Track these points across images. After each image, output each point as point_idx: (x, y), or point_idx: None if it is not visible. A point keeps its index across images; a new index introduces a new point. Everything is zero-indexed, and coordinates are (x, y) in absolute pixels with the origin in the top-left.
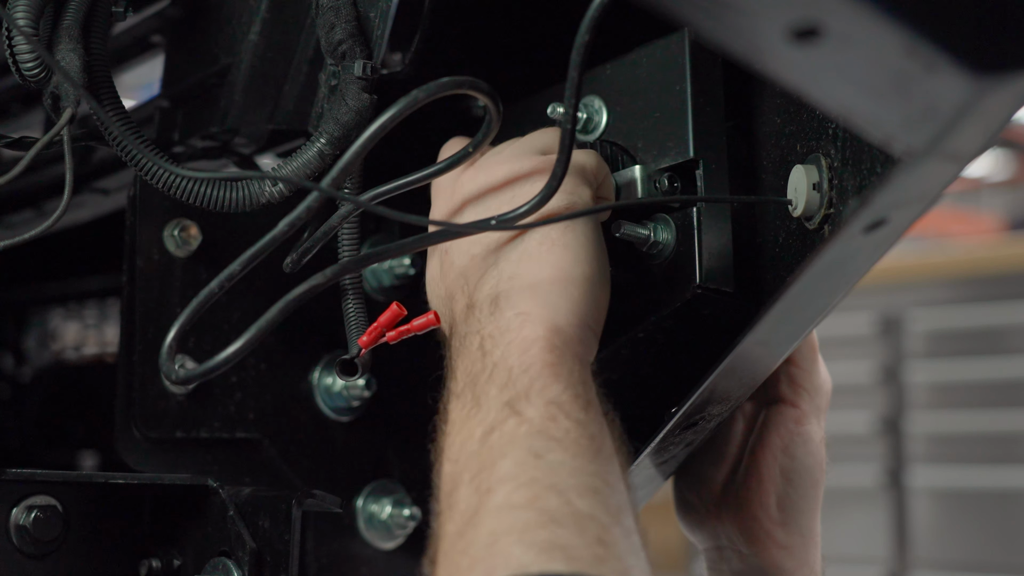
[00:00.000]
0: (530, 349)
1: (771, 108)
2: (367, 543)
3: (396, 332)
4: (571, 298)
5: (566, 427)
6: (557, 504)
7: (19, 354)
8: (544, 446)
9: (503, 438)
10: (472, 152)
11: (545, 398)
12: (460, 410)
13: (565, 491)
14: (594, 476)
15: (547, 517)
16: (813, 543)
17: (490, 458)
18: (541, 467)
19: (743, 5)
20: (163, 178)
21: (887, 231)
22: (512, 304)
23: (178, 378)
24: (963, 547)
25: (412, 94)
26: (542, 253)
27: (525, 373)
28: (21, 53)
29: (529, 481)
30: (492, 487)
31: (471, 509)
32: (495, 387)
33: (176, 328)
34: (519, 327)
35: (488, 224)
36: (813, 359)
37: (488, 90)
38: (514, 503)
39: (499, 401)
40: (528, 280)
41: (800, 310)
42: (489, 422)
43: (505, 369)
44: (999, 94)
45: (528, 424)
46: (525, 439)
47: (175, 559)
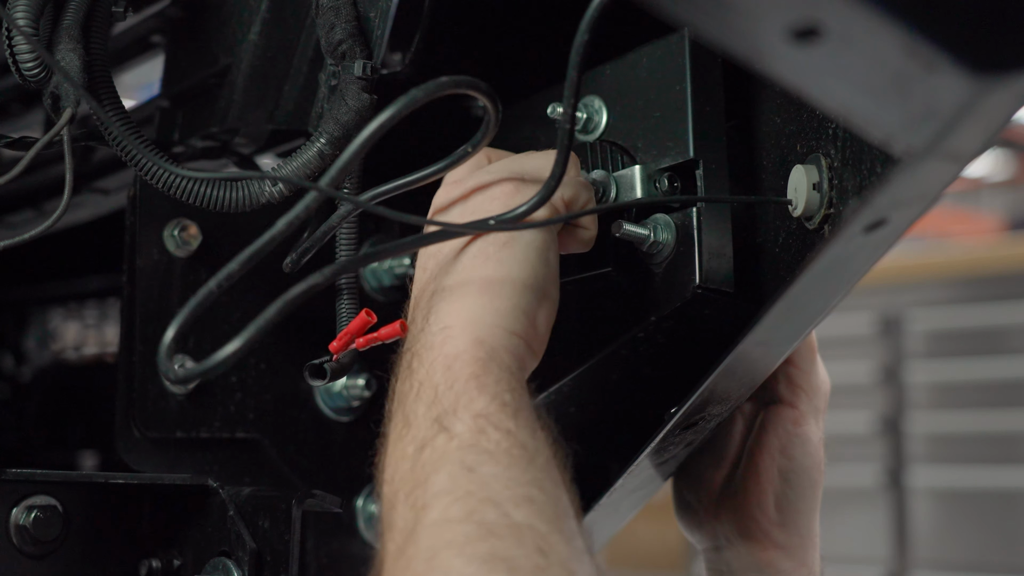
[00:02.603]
0: (453, 365)
1: (771, 108)
2: (367, 543)
3: (364, 339)
4: (496, 310)
5: (496, 439)
6: (494, 516)
7: (19, 354)
8: (476, 459)
9: (435, 454)
10: (471, 152)
11: (472, 411)
12: (393, 431)
13: (501, 503)
14: (529, 485)
15: (485, 530)
16: (812, 543)
17: (423, 474)
18: (475, 480)
19: (743, 5)
20: (163, 178)
21: (887, 231)
22: (439, 319)
23: (176, 377)
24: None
25: (411, 93)
26: (474, 267)
27: (451, 389)
28: (21, 53)
29: (464, 495)
30: (428, 503)
31: (408, 526)
32: (423, 405)
33: (174, 328)
34: (442, 343)
35: (486, 224)
36: (812, 360)
37: (487, 90)
38: (451, 517)
39: (428, 418)
40: (455, 294)
41: (800, 310)
42: (420, 439)
43: (431, 387)
44: (999, 94)
45: (458, 439)
46: (456, 453)
47: (175, 559)
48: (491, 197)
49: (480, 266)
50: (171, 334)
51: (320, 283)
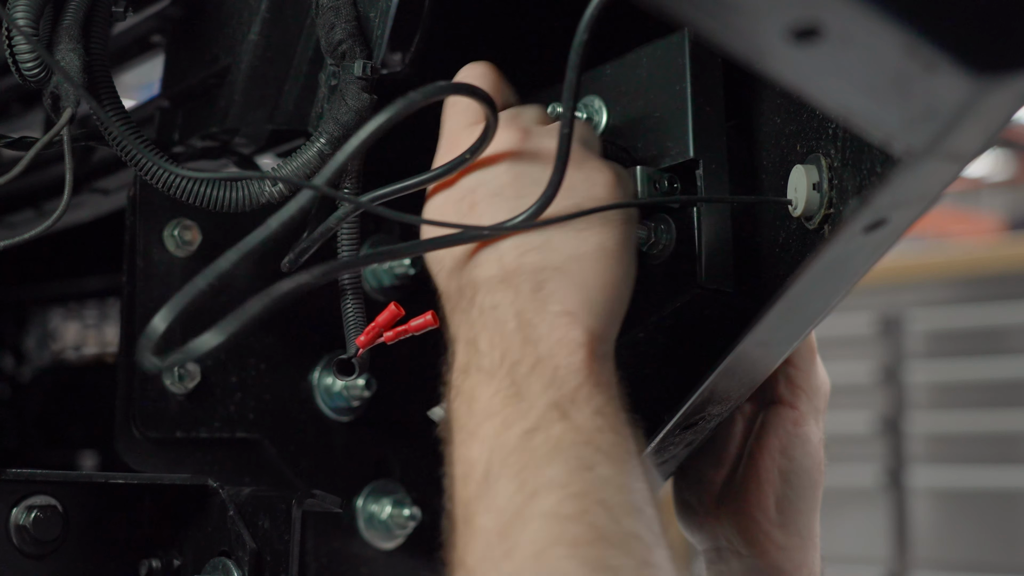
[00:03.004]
0: (576, 352)
1: (771, 108)
2: (367, 543)
3: (393, 332)
4: (611, 308)
5: (612, 440)
6: (606, 521)
7: (19, 354)
8: (593, 458)
9: (549, 440)
10: (470, 159)
11: (592, 407)
12: (493, 393)
13: (613, 508)
14: (637, 494)
15: (597, 534)
16: (812, 544)
17: (534, 459)
18: (590, 480)
19: (743, 5)
20: (163, 178)
21: (887, 231)
22: (559, 299)
23: (152, 367)
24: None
25: (409, 96)
26: (594, 256)
27: (572, 376)
28: (21, 53)
29: (579, 493)
30: (538, 490)
31: (513, 509)
32: (539, 382)
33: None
34: (566, 327)
35: (481, 233)
36: (811, 360)
37: (484, 95)
38: (564, 513)
39: (544, 399)
40: (576, 280)
41: (800, 310)
42: (533, 419)
43: (551, 367)
44: (999, 94)
45: (576, 432)
46: (573, 447)
47: (175, 559)
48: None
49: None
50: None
51: (310, 283)
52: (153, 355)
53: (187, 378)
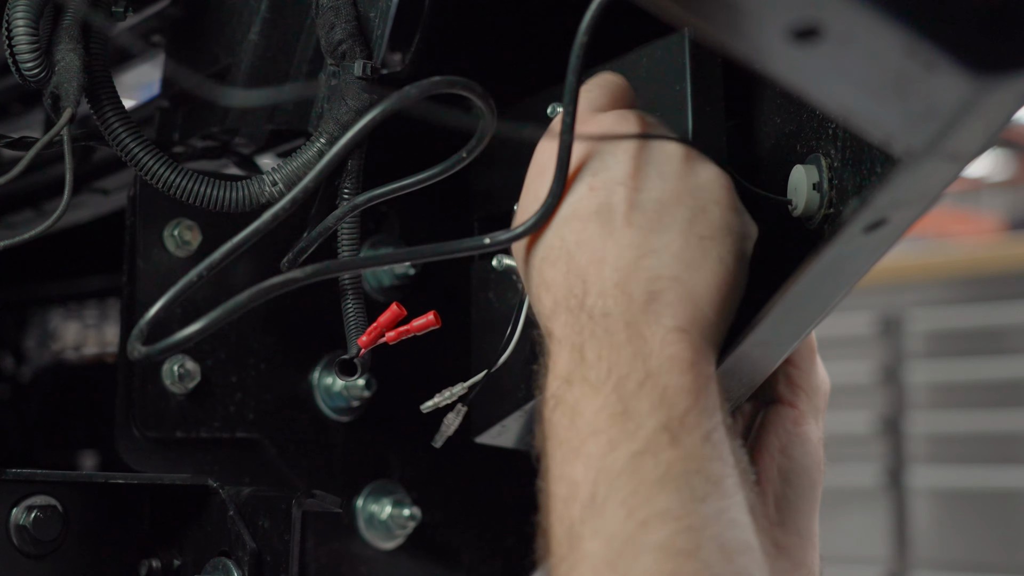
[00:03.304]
0: (687, 373)
1: (771, 108)
2: (367, 543)
3: (396, 332)
4: (720, 328)
5: (721, 471)
6: (719, 559)
7: (19, 354)
8: (704, 489)
9: (659, 466)
10: (467, 158)
11: (701, 432)
12: (599, 409)
13: (726, 545)
14: (746, 529)
15: (711, 572)
16: (811, 544)
17: (644, 485)
18: (704, 513)
19: (743, 5)
20: (163, 178)
21: (887, 231)
22: (672, 313)
23: (138, 354)
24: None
25: (403, 90)
26: (706, 263)
27: (682, 398)
28: (21, 53)
29: (693, 527)
30: (649, 520)
31: (623, 537)
32: (647, 401)
33: (151, 314)
34: (677, 344)
35: (481, 242)
36: (811, 360)
37: (480, 91)
38: (677, 547)
39: (653, 420)
40: (692, 294)
41: (800, 310)
42: (641, 441)
43: (660, 385)
44: (999, 94)
45: (687, 459)
46: (685, 476)
47: (175, 559)
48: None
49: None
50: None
51: (299, 279)
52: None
53: (187, 378)
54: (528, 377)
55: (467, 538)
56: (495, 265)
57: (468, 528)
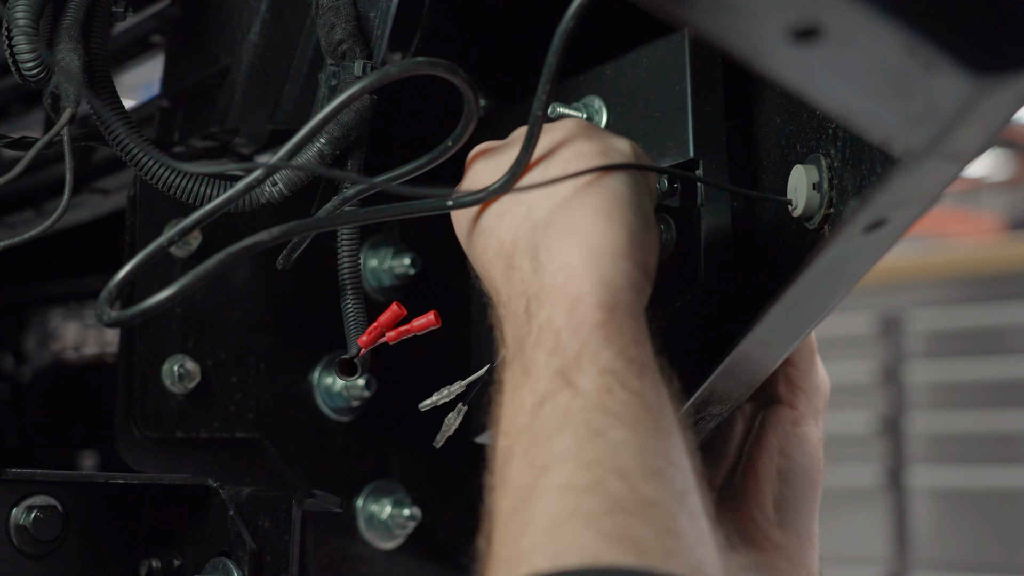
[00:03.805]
0: (577, 308)
1: (771, 108)
2: (367, 543)
3: (396, 332)
4: (613, 239)
5: (623, 399)
6: (622, 489)
7: (19, 354)
8: (603, 422)
9: (556, 411)
10: (452, 147)
11: (598, 366)
12: (511, 379)
13: (629, 474)
14: (657, 456)
15: (614, 503)
16: (810, 544)
17: (544, 432)
18: (602, 446)
19: (743, 5)
20: (163, 178)
21: (887, 231)
22: (552, 257)
23: (108, 319)
24: (963, 547)
25: (384, 68)
26: (577, 195)
27: (574, 336)
28: (21, 53)
29: (591, 462)
30: (549, 464)
31: (526, 485)
32: (543, 352)
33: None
34: (563, 283)
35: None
36: (811, 360)
37: (464, 76)
38: (576, 484)
39: (549, 369)
40: (565, 226)
41: (800, 310)
42: (540, 392)
43: (552, 332)
44: (999, 94)
45: (583, 397)
46: (581, 413)
47: (175, 559)
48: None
49: (583, 194)
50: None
51: (266, 241)
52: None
53: (187, 378)
54: None
55: (467, 538)
56: None
57: (468, 528)
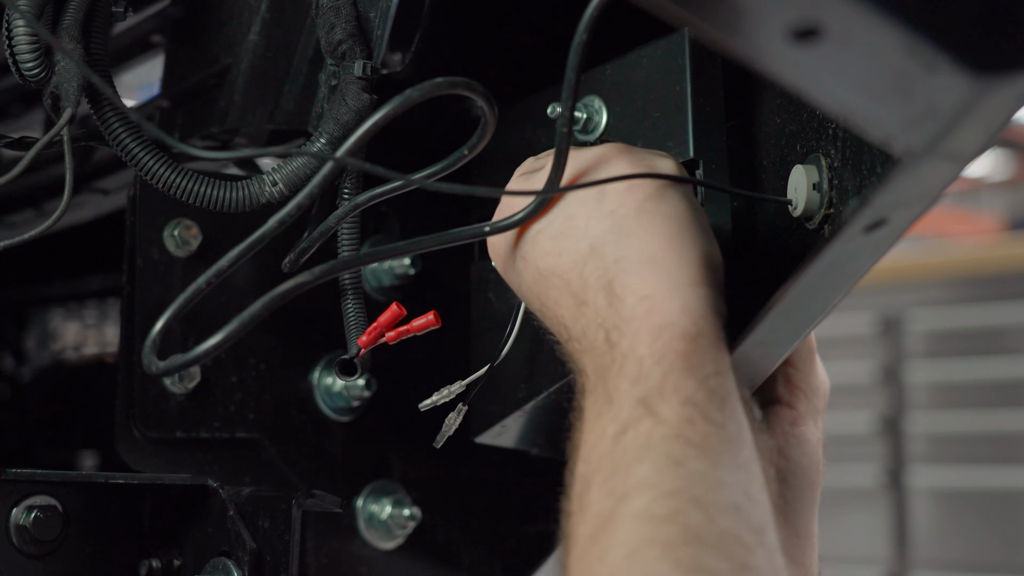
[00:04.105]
0: (660, 336)
1: (771, 108)
2: (367, 543)
3: (395, 332)
4: (692, 266)
5: (704, 431)
6: (700, 521)
7: (19, 354)
8: (683, 453)
9: (638, 439)
10: (468, 155)
11: (681, 396)
12: (592, 406)
13: (708, 506)
14: (735, 488)
15: (691, 535)
16: (809, 544)
17: (624, 460)
18: (681, 477)
19: (743, 5)
20: (163, 178)
21: (887, 231)
22: (631, 290)
23: (157, 369)
24: (963, 547)
25: (406, 93)
26: (642, 225)
27: (657, 365)
28: (21, 53)
29: (671, 492)
30: (628, 492)
31: (605, 513)
32: (626, 381)
33: (162, 323)
34: (645, 314)
35: (481, 230)
36: (811, 360)
37: (483, 91)
38: (655, 514)
39: (632, 397)
40: (639, 259)
41: (800, 310)
42: (622, 420)
43: (636, 360)
44: (999, 94)
45: (665, 426)
46: (662, 443)
47: (175, 559)
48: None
49: (649, 223)
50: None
51: (309, 282)
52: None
53: (187, 378)
54: (528, 377)
55: (467, 538)
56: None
57: (468, 528)
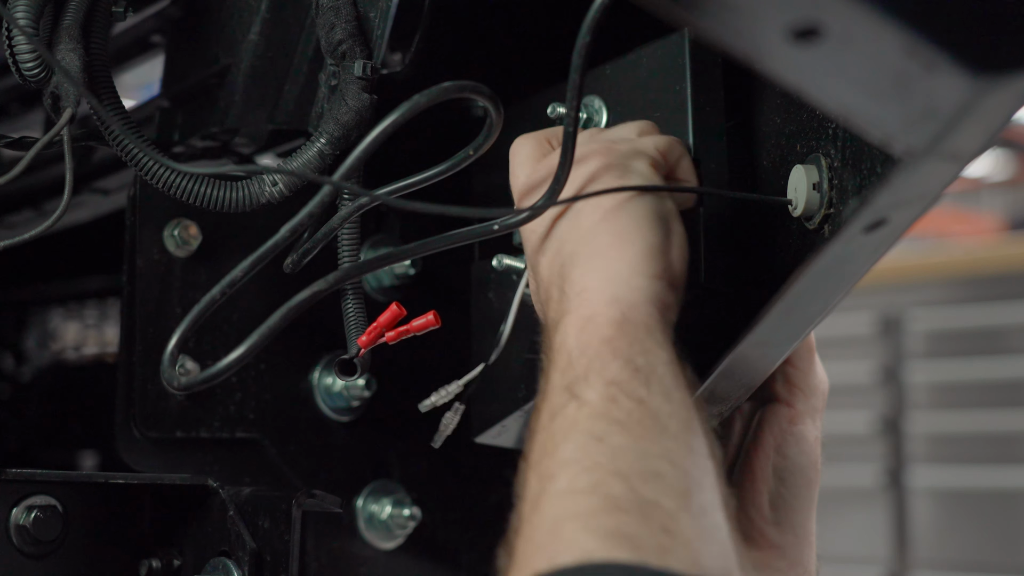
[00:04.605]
0: (586, 327)
1: (771, 108)
2: (367, 543)
3: (395, 332)
4: (628, 258)
5: (627, 408)
6: (621, 490)
7: (19, 354)
8: (605, 429)
9: (564, 422)
10: (473, 155)
11: (604, 378)
12: (536, 404)
13: (629, 477)
14: (659, 459)
15: (611, 504)
16: (807, 543)
17: (551, 444)
18: (603, 451)
19: (743, 5)
20: (163, 178)
21: (887, 231)
22: (573, 283)
23: (180, 385)
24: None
25: (414, 99)
26: (599, 223)
27: (583, 355)
28: (21, 53)
29: (592, 466)
30: (554, 472)
31: (534, 496)
32: (557, 372)
33: (178, 335)
34: (578, 307)
35: (490, 228)
36: (810, 359)
37: (489, 94)
38: (577, 488)
39: (560, 386)
40: (587, 253)
41: (800, 310)
42: (552, 408)
43: (565, 353)
44: (999, 94)
45: (588, 407)
46: (586, 422)
47: (175, 559)
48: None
49: (602, 222)
50: (174, 342)
51: (324, 289)
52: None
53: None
54: (527, 377)
55: (467, 538)
56: (495, 265)
57: (468, 528)
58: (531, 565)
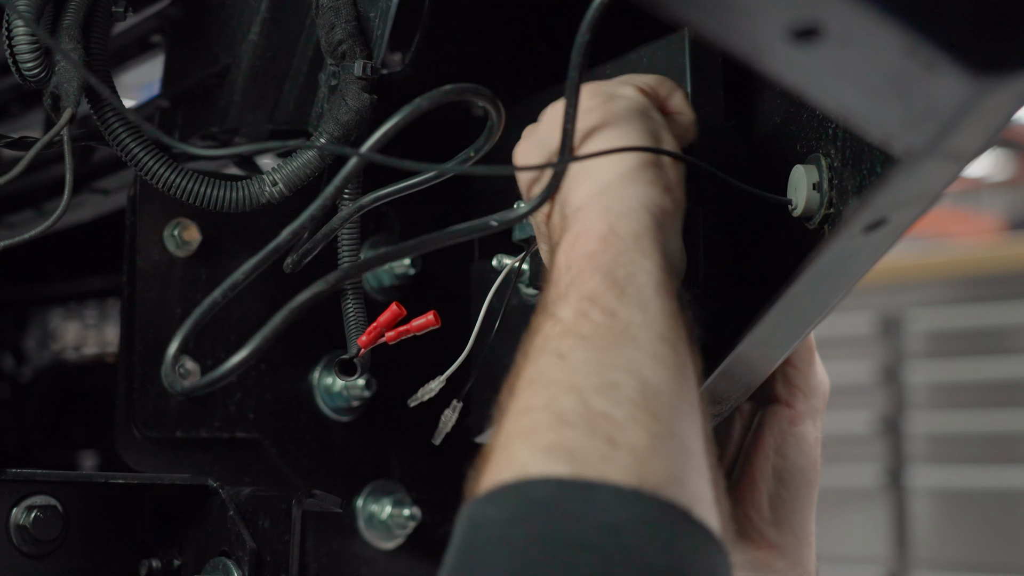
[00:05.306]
0: (575, 244)
1: (771, 108)
2: (367, 543)
3: (395, 332)
4: (623, 168)
5: (596, 321)
6: (570, 405)
7: (19, 354)
8: (571, 345)
9: (536, 343)
10: (475, 156)
11: (581, 294)
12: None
13: (583, 390)
14: (618, 370)
15: (557, 418)
16: (806, 543)
17: (523, 363)
18: (563, 367)
19: (743, 5)
20: (163, 178)
21: (887, 231)
22: (570, 203)
23: (182, 390)
24: (963, 547)
25: (415, 102)
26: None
27: (568, 271)
28: (21, 53)
29: (548, 382)
30: (516, 393)
31: (504, 410)
32: (545, 292)
33: (179, 339)
34: (572, 224)
35: (487, 224)
36: (810, 360)
37: (490, 96)
38: (531, 405)
39: (542, 306)
40: (579, 174)
41: (800, 310)
42: (531, 329)
43: (556, 271)
44: (999, 94)
45: (560, 325)
46: (553, 341)
47: (175, 559)
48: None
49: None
50: (175, 346)
51: (325, 290)
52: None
53: (187, 378)
54: None
55: None
56: (495, 265)
57: None
58: (482, 483)
